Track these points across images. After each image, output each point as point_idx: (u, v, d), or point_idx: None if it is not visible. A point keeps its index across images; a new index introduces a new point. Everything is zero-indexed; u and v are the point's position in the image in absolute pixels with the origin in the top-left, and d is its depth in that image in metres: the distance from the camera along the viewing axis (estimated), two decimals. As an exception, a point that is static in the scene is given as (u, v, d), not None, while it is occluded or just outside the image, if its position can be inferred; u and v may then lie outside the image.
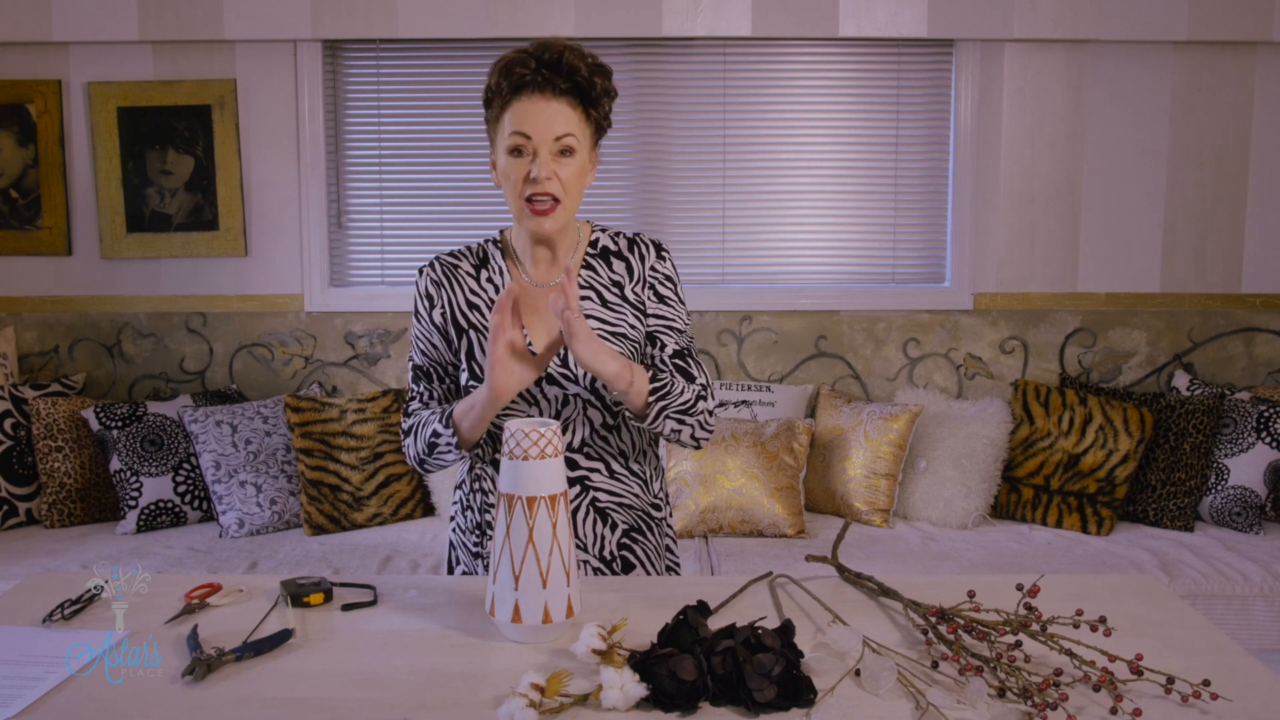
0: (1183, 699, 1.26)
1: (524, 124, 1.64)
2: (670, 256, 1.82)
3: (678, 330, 1.78)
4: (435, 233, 3.73)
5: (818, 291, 3.69)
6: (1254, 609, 2.88)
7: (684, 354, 1.76)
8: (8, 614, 1.54)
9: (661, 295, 1.78)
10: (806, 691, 1.26)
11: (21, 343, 3.68)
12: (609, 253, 1.79)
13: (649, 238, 1.82)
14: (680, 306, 1.80)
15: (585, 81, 1.66)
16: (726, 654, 1.27)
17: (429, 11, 3.50)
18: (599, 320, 1.74)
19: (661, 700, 1.24)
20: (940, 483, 3.37)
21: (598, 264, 1.79)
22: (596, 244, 1.80)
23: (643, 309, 1.77)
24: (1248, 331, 3.68)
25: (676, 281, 1.81)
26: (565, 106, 1.65)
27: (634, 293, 1.77)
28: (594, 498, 1.77)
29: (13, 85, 3.57)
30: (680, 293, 1.81)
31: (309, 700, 1.27)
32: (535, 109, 1.64)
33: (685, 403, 1.67)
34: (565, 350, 1.70)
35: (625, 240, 1.81)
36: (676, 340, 1.77)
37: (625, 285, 1.78)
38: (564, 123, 1.65)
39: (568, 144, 1.65)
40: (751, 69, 3.65)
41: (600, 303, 1.76)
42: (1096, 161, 3.63)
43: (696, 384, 1.72)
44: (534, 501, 1.40)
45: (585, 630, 1.31)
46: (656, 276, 1.79)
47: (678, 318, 1.79)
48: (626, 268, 1.79)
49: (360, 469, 3.35)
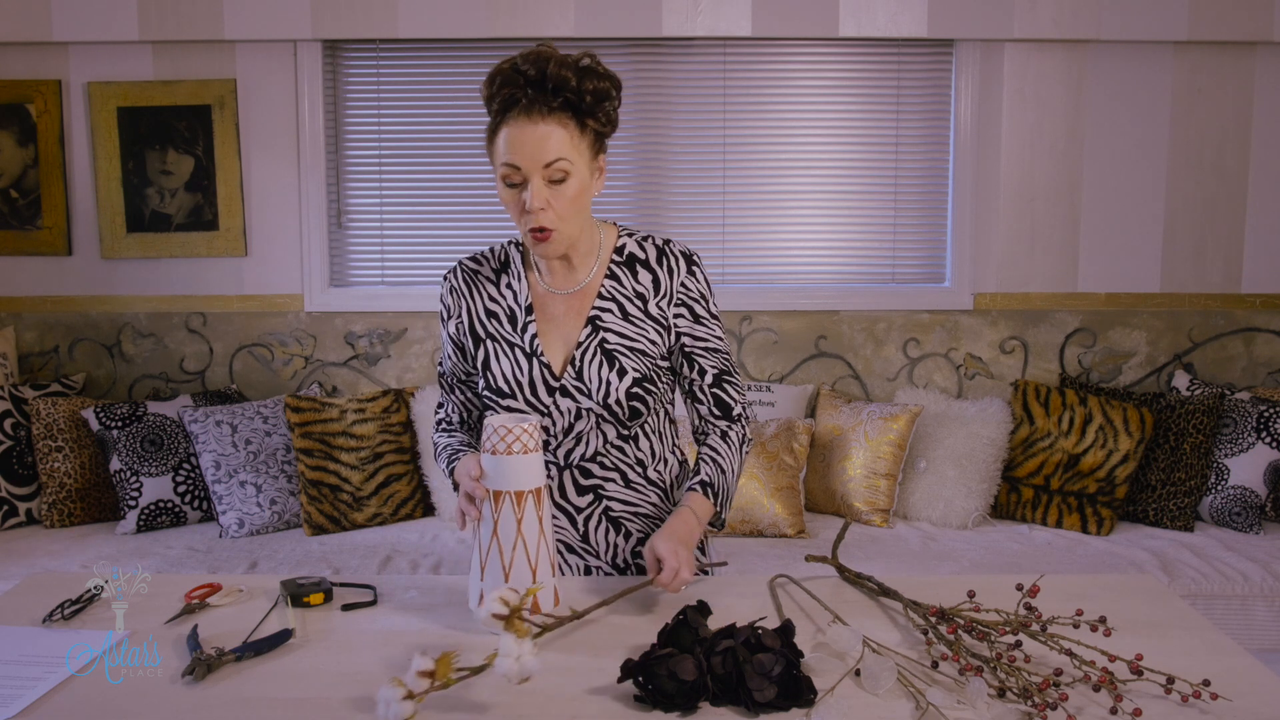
0: (1183, 699, 1.26)
1: (512, 154, 1.57)
2: (701, 268, 1.75)
3: (714, 350, 1.73)
4: (435, 233, 3.73)
5: (818, 291, 3.69)
6: (1254, 609, 2.88)
7: (722, 379, 1.74)
8: (8, 614, 1.54)
9: (696, 315, 1.72)
10: (806, 691, 1.26)
11: (21, 343, 3.68)
12: (635, 261, 1.73)
13: (679, 248, 1.74)
14: (715, 323, 1.75)
15: (575, 94, 1.57)
16: (726, 654, 1.27)
17: (429, 11, 3.50)
18: (617, 334, 1.70)
19: (661, 700, 1.24)
20: (940, 483, 3.36)
21: (622, 273, 1.72)
22: (623, 250, 1.74)
23: (666, 325, 1.71)
24: (1248, 331, 3.68)
25: (710, 296, 1.75)
26: (554, 127, 1.57)
27: (658, 308, 1.71)
28: (607, 507, 1.76)
29: (13, 85, 3.57)
30: (714, 306, 1.75)
31: (309, 700, 1.27)
32: (523, 136, 1.56)
33: (736, 472, 1.72)
34: (579, 363, 1.69)
35: (654, 249, 1.73)
36: (714, 362, 1.73)
37: (650, 299, 1.71)
38: (554, 147, 1.57)
39: (559, 169, 1.58)
40: (751, 69, 3.65)
41: (621, 315, 1.71)
42: (1096, 161, 3.63)
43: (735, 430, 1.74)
44: (522, 496, 1.42)
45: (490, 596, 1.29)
46: (689, 294, 1.72)
47: (712, 336, 1.74)
48: (653, 280, 1.72)
49: (360, 469, 3.35)
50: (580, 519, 1.76)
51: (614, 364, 1.68)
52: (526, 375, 1.69)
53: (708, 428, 1.74)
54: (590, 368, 1.68)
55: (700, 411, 1.75)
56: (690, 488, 1.68)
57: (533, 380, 1.69)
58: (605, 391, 1.67)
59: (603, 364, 1.68)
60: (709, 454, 1.70)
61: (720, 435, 1.72)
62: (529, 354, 1.70)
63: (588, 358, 1.69)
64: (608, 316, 1.70)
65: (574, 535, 1.77)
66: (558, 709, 1.26)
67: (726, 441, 1.72)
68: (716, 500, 1.67)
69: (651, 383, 1.70)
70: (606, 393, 1.67)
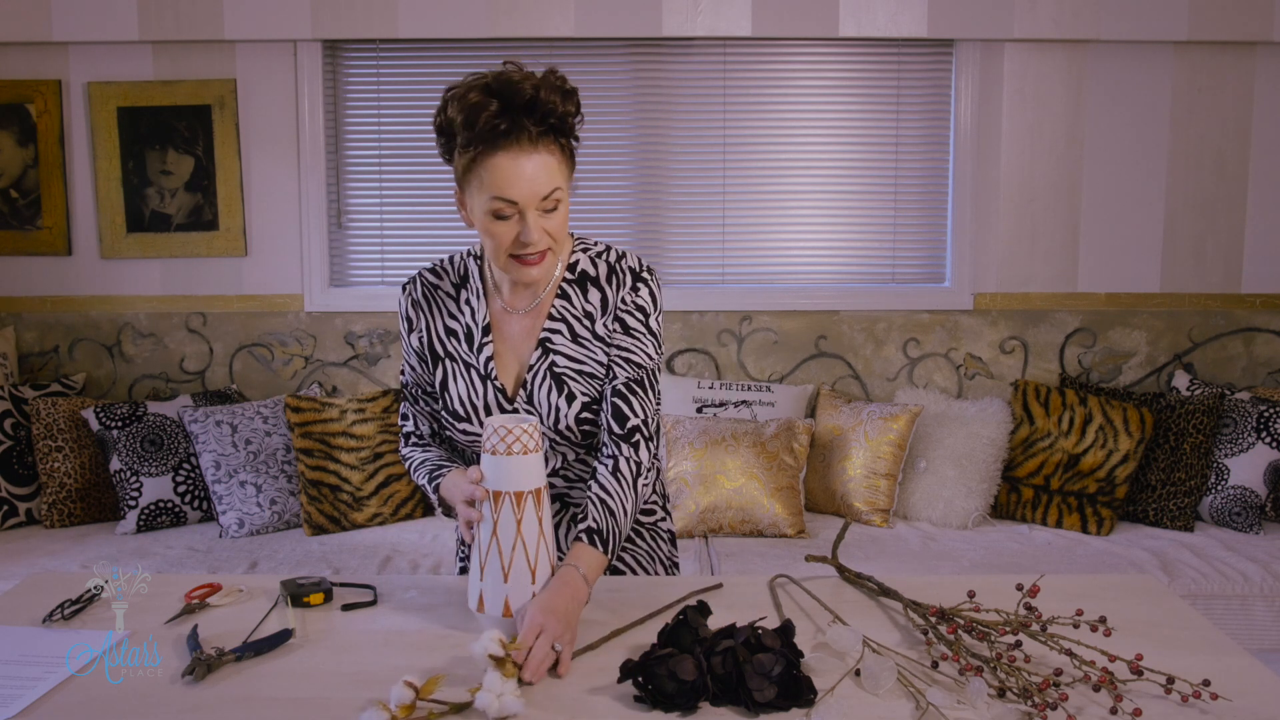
0: (1183, 699, 1.26)
1: (507, 189, 1.50)
2: (651, 282, 1.67)
3: (635, 364, 1.64)
4: (435, 233, 3.73)
5: (818, 291, 3.69)
6: (1254, 609, 2.88)
7: (628, 390, 1.63)
8: (8, 614, 1.54)
9: (627, 326, 1.65)
10: (806, 691, 1.26)
11: (21, 343, 3.68)
12: (586, 279, 1.67)
13: (630, 263, 1.67)
14: (647, 338, 1.65)
15: (559, 118, 1.52)
16: (726, 654, 1.27)
17: (429, 11, 3.49)
18: (566, 356, 1.65)
19: (661, 700, 1.24)
20: (940, 483, 3.36)
21: (573, 291, 1.67)
22: (575, 266, 1.68)
23: (608, 344, 1.66)
24: (1248, 331, 3.68)
25: (650, 311, 1.66)
26: (544, 155, 1.51)
27: (604, 327, 1.65)
28: (574, 514, 1.75)
29: (13, 85, 3.57)
30: (654, 322, 1.66)
31: (309, 700, 1.27)
32: (515, 170, 1.50)
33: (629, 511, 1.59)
34: (530, 386, 1.65)
35: (606, 266, 1.67)
36: (627, 371, 1.63)
37: (597, 319, 1.66)
38: (547, 178, 1.51)
39: (555, 199, 1.53)
40: (751, 69, 3.65)
41: (570, 337, 1.66)
42: (1096, 161, 3.63)
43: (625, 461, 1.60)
44: (521, 496, 1.42)
45: (486, 633, 1.30)
46: (625, 307, 1.65)
47: (638, 349, 1.64)
48: (601, 299, 1.66)
49: (360, 469, 3.35)
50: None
51: (563, 389, 1.64)
52: (481, 398, 1.66)
53: (603, 453, 1.64)
54: (540, 392, 1.65)
55: (602, 421, 1.65)
56: (577, 537, 1.54)
57: (487, 403, 1.66)
58: (555, 417, 1.64)
59: (552, 389, 1.64)
60: (597, 495, 1.58)
61: (611, 470, 1.60)
62: (483, 376, 1.66)
63: (538, 381, 1.65)
64: (557, 338, 1.66)
65: None
66: (557, 708, 1.26)
67: (617, 478, 1.59)
68: (607, 549, 1.54)
69: (601, 405, 1.66)
70: (556, 419, 1.64)
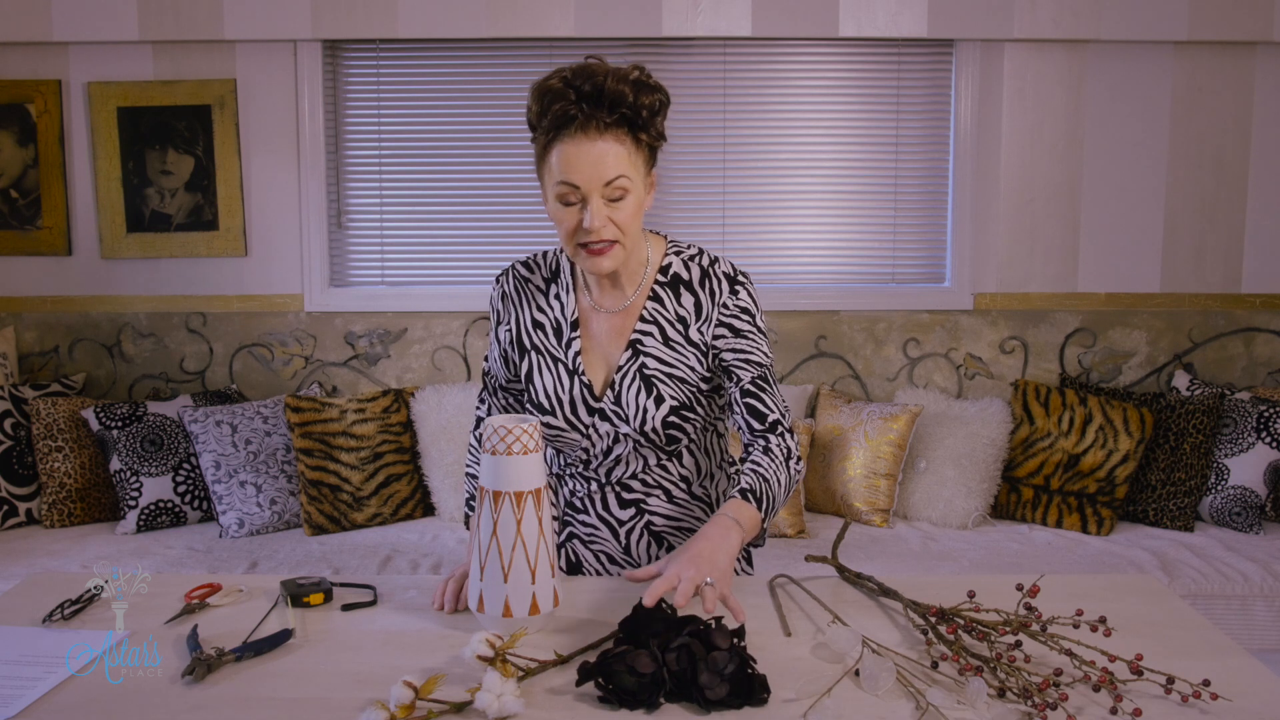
0: (1183, 699, 1.26)
1: (570, 173, 1.53)
2: (748, 285, 1.69)
3: (755, 363, 1.66)
4: (435, 233, 3.73)
5: (818, 291, 3.69)
6: (1254, 609, 2.88)
7: (757, 389, 1.65)
8: (8, 614, 1.54)
9: (737, 330, 1.66)
10: (759, 691, 1.25)
11: (21, 343, 3.68)
12: (679, 282, 1.68)
13: (724, 269, 1.68)
14: (759, 338, 1.67)
15: (631, 109, 1.54)
16: (681, 650, 1.26)
17: (429, 11, 3.49)
18: (657, 359, 1.66)
19: (625, 698, 1.24)
20: (940, 483, 3.36)
21: (666, 295, 1.68)
22: (668, 269, 1.69)
23: (705, 349, 1.67)
24: (1248, 331, 3.68)
25: (755, 312, 1.68)
26: (612, 144, 1.53)
27: (699, 332, 1.66)
28: (649, 521, 1.76)
29: (13, 85, 3.57)
30: (760, 322, 1.68)
31: (309, 700, 1.27)
32: (580, 154, 1.52)
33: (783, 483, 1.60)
34: (618, 387, 1.66)
35: (699, 269, 1.68)
36: (750, 371, 1.65)
37: (690, 324, 1.67)
38: (613, 165, 1.53)
39: (619, 187, 1.54)
40: (751, 69, 3.65)
41: (662, 339, 1.67)
42: (1096, 161, 3.63)
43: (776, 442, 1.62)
44: (521, 497, 1.42)
45: (475, 636, 1.30)
46: (730, 312, 1.66)
47: (755, 349, 1.66)
48: (695, 304, 1.67)
49: (360, 469, 3.35)
50: (622, 531, 1.76)
51: (652, 391, 1.65)
52: (568, 393, 1.68)
53: (748, 444, 1.66)
54: (629, 393, 1.66)
55: (738, 423, 1.67)
56: (730, 495, 1.59)
57: (573, 399, 1.68)
58: (642, 419, 1.65)
59: (641, 390, 1.66)
60: (750, 466, 1.60)
61: (762, 450, 1.62)
62: (571, 371, 1.68)
63: (627, 382, 1.66)
64: (649, 340, 1.67)
65: (615, 547, 1.77)
66: (557, 708, 1.25)
67: (769, 455, 1.61)
68: (761, 507, 1.55)
69: (690, 409, 1.68)
70: (643, 420, 1.65)
